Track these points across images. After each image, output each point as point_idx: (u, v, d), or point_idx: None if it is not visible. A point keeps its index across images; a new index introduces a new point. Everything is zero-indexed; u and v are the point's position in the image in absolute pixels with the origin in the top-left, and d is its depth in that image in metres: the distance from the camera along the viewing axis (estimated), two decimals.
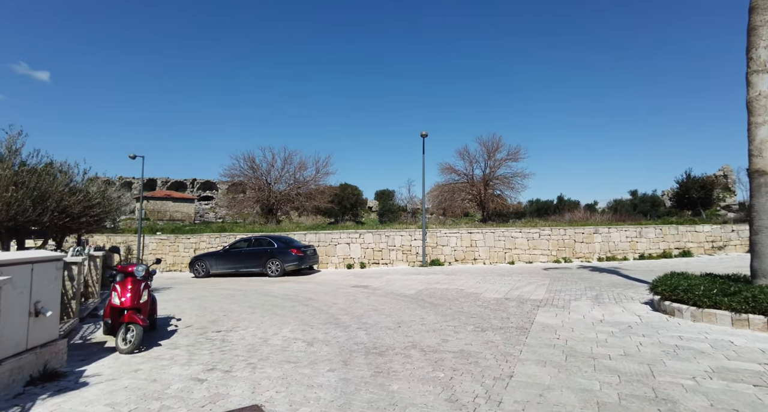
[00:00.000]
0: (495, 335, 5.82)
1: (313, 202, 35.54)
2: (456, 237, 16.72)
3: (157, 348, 5.38)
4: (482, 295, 9.27)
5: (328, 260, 16.89)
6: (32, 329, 3.99)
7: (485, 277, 12.55)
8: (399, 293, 9.83)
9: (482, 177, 36.41)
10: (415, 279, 12.56)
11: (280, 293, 10.41)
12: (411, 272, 14.83)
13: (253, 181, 34.31)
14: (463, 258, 16.54)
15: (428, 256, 16.65)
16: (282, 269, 14.27)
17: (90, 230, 9.06)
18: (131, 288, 5.30)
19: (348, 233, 17.05)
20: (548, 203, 47.62)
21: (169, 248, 18.80)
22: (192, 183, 69.70)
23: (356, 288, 10.97)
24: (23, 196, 7.60)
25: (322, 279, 13.47)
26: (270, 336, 5.98)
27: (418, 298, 9.12)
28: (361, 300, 8.99)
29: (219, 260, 15.08)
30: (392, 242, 16.83)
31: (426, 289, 10.42)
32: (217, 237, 18.04)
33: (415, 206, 50.56)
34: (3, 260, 3.64)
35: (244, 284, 12.74)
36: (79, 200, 8.27)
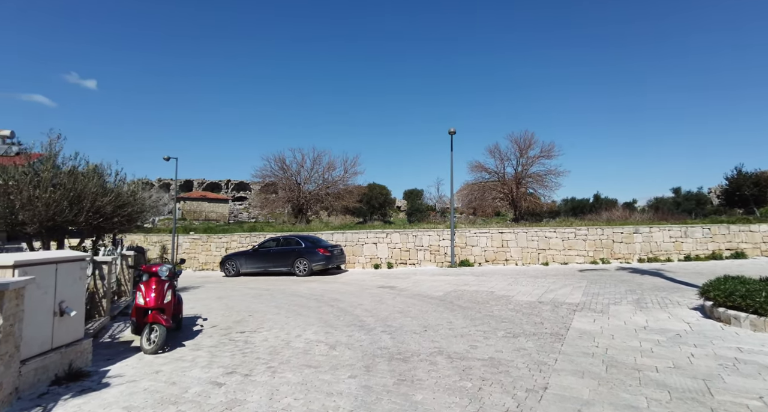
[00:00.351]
0: (527, 341, 5.47)
1: (342, 202, 35.69)
2: (486, 237, 16.22)
3: (180, 349, 5.37)
4: (514, 298, 8.86)
5: (355, 259, 16.79)
6: (57, 328, 4.01)
7: (517, 279, 12.06)
8: (426, 295, 9.56)
9: (514, 175, 35.39)
10: (443, 280, 12.23)
11: (306, 293, 10.35)
12: (439, 272, 14.50)
13: (284, 181, 34.82)
14: (494, 259, 16.03)
15: (457, 256, 16.25)
16: (309, 268, 14.27)
17: (123, 229, 9.32)
18: (155, 288, 5.31)
19: (375, 232, 16.89)
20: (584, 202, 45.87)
21: (201, 248, 19.26)
22: (227, 184, 71.79)
23: (382, 289, 10.77)
24: (60, 197, 7.85)
25: (348, 279, 13.36)
26: (293, 338, 5.87)
27: (445, 300, 8.81)
28: (386, 301, 8.78)
29: (248, 259, 15.26)
30: (420, 241, 16.53)
31: (454, 291, 10.09)
32: (247, 237, 18.32)
33: (444, 206, 49.92)
34: (26, 260, 3.66)
35: (272, 283, 12.81)
36: (111, 200, 8.49)
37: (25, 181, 7.91)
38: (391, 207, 53.51)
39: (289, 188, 34.14)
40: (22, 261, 3.60)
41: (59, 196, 7.84)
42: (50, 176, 8.14)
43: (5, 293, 3.16)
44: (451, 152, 16.57)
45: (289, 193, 33.86)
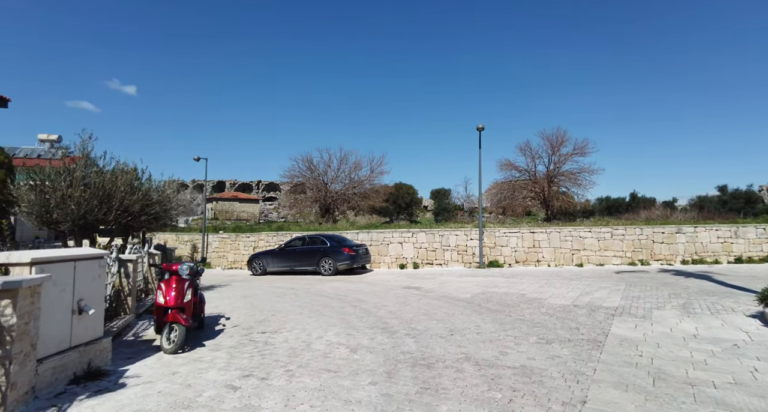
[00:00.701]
0: (562, 348, 5.07)
1: (368, 201, 35.62)
2: (516, 237, 15.64)
3: (200, 349, 5.30)
4: (547, 301, 8.39)
5: (380, 259, 16.58)
6: (75, 327, 3.98)
7: (550, 280, 11.50)
8: (453, 297, 9.22)
9: (545, 173, 34.29)
10: (471, 281, 11.83)
11: (330, 293, 10.22)
12: (467, 273, 14.08)
13: (311, 181, 35.10)
14: (525, 260, 15.43)
15: (486, 257, 15.75)
16: (334, 267, 14.17)
17: (150, 228, 9.47)
18: (175, 287, 5.26)
19: (400, 232, 16.63)
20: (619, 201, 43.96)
21: (230, 246, 19.57)
22: (257, 185, 73.33)
23: (407, 289, 10.50)
24: (90, 196, 8.03)
25: (373, 279, 13.16)
26: (313, 340, 5.70)
27: (473, 302, 8.45)
28: (411, 303, 8.51)
29: (275, 258, 15.33)
30: (447, 241, 16.13)
31: (483, 293, 9.70)
32: (274, 236, 18.45)
33: (472, 205, 49.08)
34: (44, 257, 3.63)
35: (298, 282, 12.77)
36: (138, 199, 8.62)
37: (59, 180, 8.14)
38: (417, 207, 53.08)
39: (316, 188, 34.41)
40: (39, 258, 3.57)
41: (89, 195, 8.02)
42: (82, 176, 8.34)
43: (19, 291, 3.11)
44: (480, 149, 16.12)
45: (317, 193, 34.12)
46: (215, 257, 20.00)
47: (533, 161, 35.43)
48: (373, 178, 36.10)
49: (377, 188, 36.36)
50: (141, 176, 9.21)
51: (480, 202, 17.24)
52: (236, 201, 58.64)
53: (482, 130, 15.72)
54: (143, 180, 9.20)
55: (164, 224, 10.08)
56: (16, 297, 3.11)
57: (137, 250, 8.11)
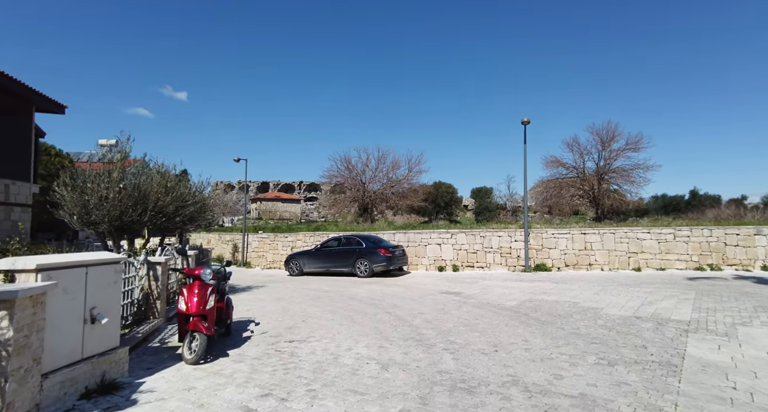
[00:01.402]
0: (629, 372, 4.30)
1: (407, 201, 35.05)
2: (566, 238, 14.52)
3: (222, 360, 4.98)
4: (603, 311, 7.49)
5: (418, 261, 15.98)
6: (88, 337, 3.75)
7: (605, 287, 10.45)
8: (496, 304, 8.49)
9: (595, 170, 32.24)
10: (516, 287, 10.99)
11: (364, 297, 9.78)
12: (511, 277, 13.19)
13: (350, 181, 35.05)
14: (575, 263, 14.29)
15: (532, 260, 14.74)
16: (370, 269, 13.75)
17: (185, 229, 9.45)
18: (197, 293, 4.99)
19: (439, 232, 15.93)
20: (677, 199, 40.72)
21: (269, 246, 19.70)
22: (299, 185, 74.82)
23: (446, 295, 9.86)
24: (125, 197, 8.05)
25: (410, 282, 12.60)
26: (342, 352, 5.24)
27: (519, 311, 7.69)
28: (450, 311, 7.88)
29: (311, 258, 15.15)
30: (489, 243, 15.27)
31: (530, 300, 8.89)
32: (311, 236, 18.34)
33: (515, 204, 47.26)
34: (50, 263, 3.40)
35: (333, 284, 12.46)
36: (172, 200, 8.58)
37: (97, 182, 8.23)
38: (457, 206, 51.80)
39: (354, 188, 34.32)
40: (45, 265, 3.35)
41: (124, 196, 8.04)
42: (119, 178, 8.40)
43: (15, 302, 2.85)
44: (525, 145, 15.09)
45: (355, 192, 34.02)
46: (255, 257, 20.21)
47: (581, 158, 33.43)
48: (411, 177, 35.52)
49: (416, 188, 35.75)
50: (175, 177, 9.19)
51: (525, 200, 16.20)
52: (279, 201, 59.93)
53: (527, 124, 14.71)
54: (178, 181, 9.17)
55: (199, 225, 10.07)
56: (12, 308, 2.86)
57: (168, 252, 8.04)
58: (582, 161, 33.56)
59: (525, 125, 14.86)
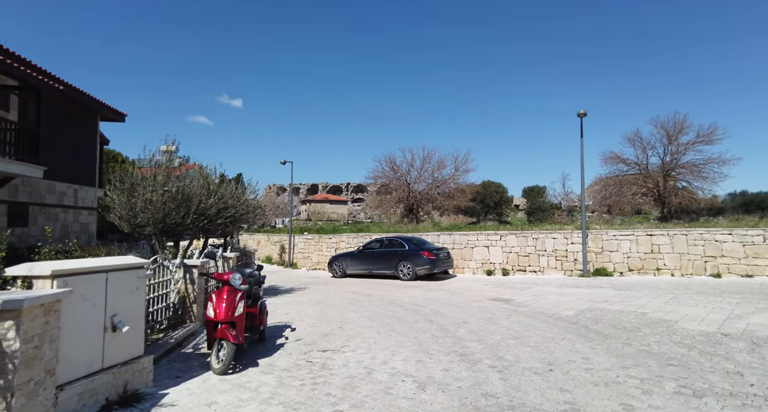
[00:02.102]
0: (724, 409, 3.51)
1: (453, 201, 34.12)
2: (629, 240, 13.19)
3: (251, 370, 4.74)
4: (678, 325, 6.50)
5: (464, 264, 15.24)
6: (109, 345, 3.61)
7: (677, 295, 9.24)
8: (551, 314, 7.69)
9: (660, 166, 29.56)
10: (573, 294, 10.03)
11: (406, 302, 9.32)
12: (567, 283, 12.15)
13: (395, 182, 34.73)
14: (640, 268, 12.92)
15: (590, 263, 13.55)
16: (413, 272, 13.26)
17: (227, 231, 9.50)
18: (226, 299, 4.78)
19: (486, 234, 15.10)
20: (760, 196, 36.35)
21: (314, 248, 19.78)
22: (347, 186, 75.94)
23: (494, 302, 9.15)
24: (168, 199, 8.17)
25: (456, 286, 11.96)
26: (377, 366, 4.82)
27: (578, 323, 6.88)
28: (499, 320, 7.22)
29: (354, 260, 14.93)
30: (542, 245, 14.23)
31: (589, 309, 7.99)
32: (354, 237, 18.17)
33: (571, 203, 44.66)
34: (67, 269, 3.27)
35: (375, 287, 12.11)
36: (214, 202, 8.63)
37: (143, 185, 8.43)
38: (507, 206, 49.80)
39: (399, 189, 33.93)
40: (61, 270, 3.22)
41: (167, 198, 8.16)
42: (164, 181, 8.57)
43: (21, 312, 2.70)
44: (581, 139, 13.90)
45: (400, 193, 33.63)
46: (300, 258, 20.39)
47: (644, 153, 30.81)
48: (458, 176, 34.53)
49: (462, 187, 34.70)
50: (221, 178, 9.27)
51: (582, 199, 14.95)
52: (327, 203, 61.00)
53: (584, 116, 13.54)
54: (219, 183, 9.23)
55: (242, 226, 10.11)
56: (19, 318, 2.71)
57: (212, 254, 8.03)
58: (645, 157, 30.94)
59: (581, 118, 13.69)
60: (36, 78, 10.60)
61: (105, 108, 15.82)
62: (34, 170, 10.86)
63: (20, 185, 12.20)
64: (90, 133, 15.81)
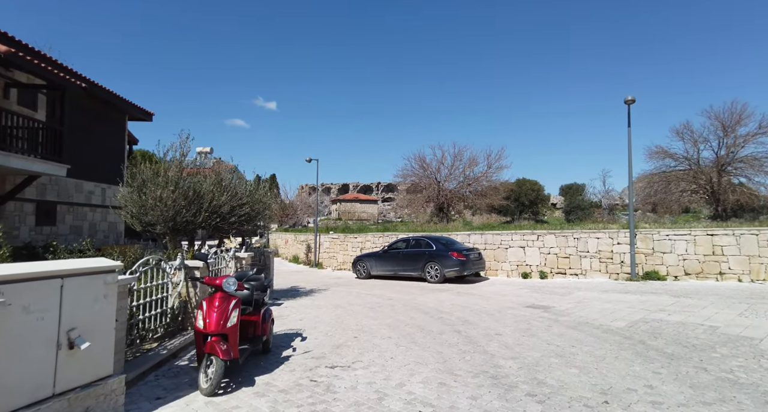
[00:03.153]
0: None
1: (486, 200, 32.77)
2: (685, 240, 11.74)
3: (244, 390, 4.08)
4: (765, 344, 5.34)
5: (497, 266, 14.18)
6: (64, 366, 3.03)
7: (753, 305, 7.92)
8: (598, 325, 6.66)
9: (714, 161, 27.04)
10: (623, 301, 8.86)
11: (432, 307, 8.49)
12: (614, 288, 10.91)
13: (425, 180, 33.76)
14: (699, 271, 11.47)
15: (639, 266, 12.20)
16: (441, 274, 12.38)
17: (241, 230, 9.00)
18: (218, 307, 4.16)
19: (522, 234, 13.97)
20: None
21: (339, 247, 19.23)
22: (377, 186, 75.61)
23: (531, 309, 8.16)
24: (178, 196, 7.72)
25: (488, 291, 10.99)
26: (390, 390, 4.05)
27: (632, 337, 5.84)
28: (537, 332, 6.27)
29: (378, 261, 14.21)
30: (584, 246, 12.98)
31: (644, 320, 6.88)
32: (380, 236, 17.44)
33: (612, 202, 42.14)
34: (6, 275, 2.70)
35: (399, 290, 11.34)
36: (227, 200, 8.12)
37: (155, 182, 8.04)
38: (544, 204, 47.58)
39: (429, 187, 32.93)
40: None
41: (178, 195, 7.72)
42: (176, 177, 8.14)
43: None
44: (629, 128, 12.52)
45: (430, 192, 32.63)
46: (326, 258, 19.89)
47: (695, 146, 28.30)
48: (491, 174, 33.13)
49: (496, 185, 33.25)
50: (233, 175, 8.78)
51: (630, 194, 13.57)
52: (357, 202, 60.79)
53: (632, 104, 12.17)
54: (234, 179, 8.74)
55: (257, 225, 9.60)
56: None
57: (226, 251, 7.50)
58: (696, 151, 28.41)
59: (629, 105, 12.33)
60: (59, 76, 10.53)
61: (132, 107, 15.86)
62: (57, 168, 10.82)
63: (48, 184, 12.27)
64: (118, 133, 15.90)
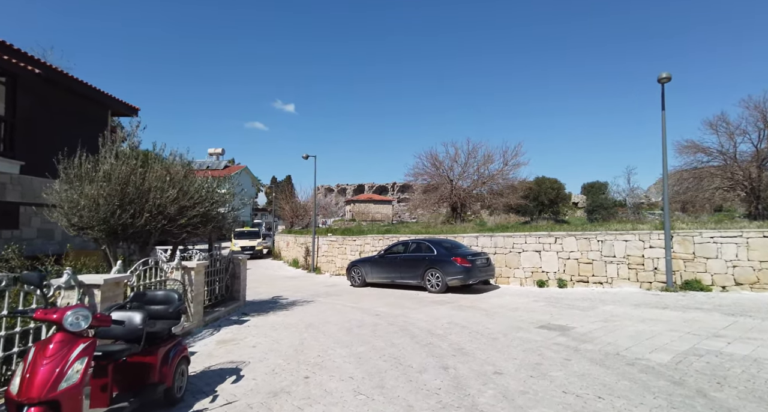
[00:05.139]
0: None
1: (502, 199, 30.84)
2: (735, 243, 9.85)
3: None
4: None
5: (509, 272, 12.49)
6: None
7: None
8: (633, 359, 4.99)
9: (754, 154, 24.48)
10: (661, 320, 7.12)
11: (423, 328, 6.95)
12: (647, 301, 9.13)
13: (437, 179, 32.09)
14: (754, 281, 9.56)
15: (677, 273, 10.36)
16: (443, 283, 10.80)
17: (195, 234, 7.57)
18: (50, 356, 2.74)
19: (537, 236, 12.23)
20: None
21: (337, 250, 17.80)
22: (392, 186, 74.30)
23: (546, 331, 6.52)
24: (110, 193, 6.41)
25: (495, 303, 9.36)
26: None
27: (683, 382, 4.18)
28: (550, 370, 4.66)
29: (374, 267, 12.71)
30: (609, 250, 11.19)
31: (695, 352, 5.18)
32: (380, 239, 15.92)
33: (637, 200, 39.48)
34: None
35: (391, 302, 9.82)
36: (175, 197, 6.75)
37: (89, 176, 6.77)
38: (565, 203, 45.13)
39: (442, 186, 31.23)
40: None
41: (108, 191, 6.41)
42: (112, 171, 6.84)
43: None
44: (663, 111, 10.65)
45: (443, 191, 30.92)
46: (324, 262, 18.51)
47: (731, 140, 25.66)
48: (507, 172, 31.03)
49: (513, 184, 31.24)
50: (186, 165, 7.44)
51: (665, 187, 11.62)
52: (371, 203, 59.64)
53: (667, 82, 10.28)
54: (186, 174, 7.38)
55: (217, 228, 8.20)
56: None
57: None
58: (733, 144, 25.76)
59: (663, 84, 10.46)
60: (7, 61, 9.43)
61: (115, 102, 14.82)
62: (8, 165, 9.75)
63: (9, 184, 11.21)
64: (98, 129, 14.87)
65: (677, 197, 29.35)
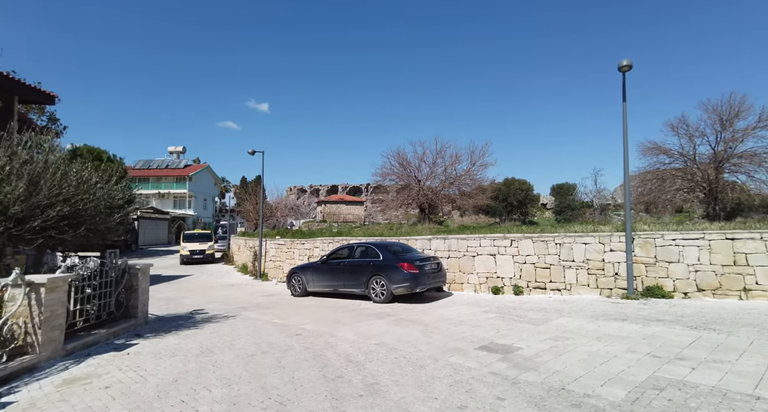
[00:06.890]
0: None
1: (471, 200, 30.12)
2: (697, 246, 9.14)
3: None
4: None
5: (463, 278, 11.48)
6: None
7: None
8: (581, 396, 3.93)
9: (711, 157, 24.59)
10: (619, 337, 6.17)
11: (341, 354, 5.75)
12: (606, 312, 8.25)
13: (405, 179, 31.06)
14: (717, 287, 8.86)
15: (638, 279, 9.59)
16: (388, 292, 9.67)
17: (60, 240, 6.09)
18: None
19: (492, 238, 11.27)
20: None
21: (285, 255, 16.41)
22: (366, 187, 73.04)
23: (485, 355, 5.44)
24: None
25: (440, 315, 8.27)
26: None
27: None
28: None
29: (316, 274, 11.45)
30: (568, 253, 10.33)
31: (655, 384, 4.17)
32: (330, 242, 14.66)
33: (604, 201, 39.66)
34: None
35: (324, 317, 8.60)
36: (24, 193, 5.30)
37: None
38: (534, 205, 45.11)
39: (410, 186, 30.19)
40: None
41: None
42: None
43: None
44: (624, 103, 9.88)
45: (411, 191, 29.90)
46: (272, 268, 17.08)
47: (691, 142, 25.70)
48: (475, 172, 30.31)
49: (481, 184, 30.55)
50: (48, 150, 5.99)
51: (626, 186, 10.87)
52: (343, 204, 58.16)
53: (628, 71, 9.50)
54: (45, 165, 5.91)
55: (97, 231, 6.72)
56: None
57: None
58: (692, 146, 25.84)
59: (624, 73, 9.67)
60: None
61: (23, 88, 13.03)
62: None
63: None
64: (3, 117, 13.01)
65: (641, 198, 29.35)
